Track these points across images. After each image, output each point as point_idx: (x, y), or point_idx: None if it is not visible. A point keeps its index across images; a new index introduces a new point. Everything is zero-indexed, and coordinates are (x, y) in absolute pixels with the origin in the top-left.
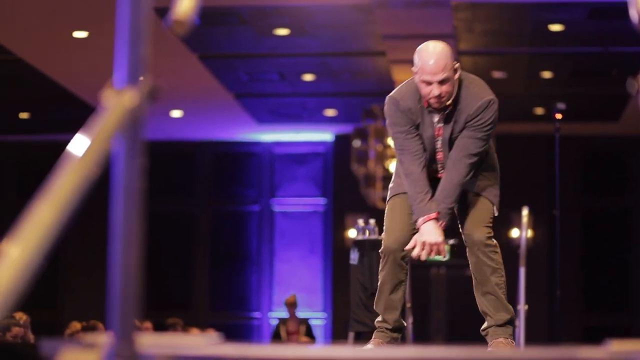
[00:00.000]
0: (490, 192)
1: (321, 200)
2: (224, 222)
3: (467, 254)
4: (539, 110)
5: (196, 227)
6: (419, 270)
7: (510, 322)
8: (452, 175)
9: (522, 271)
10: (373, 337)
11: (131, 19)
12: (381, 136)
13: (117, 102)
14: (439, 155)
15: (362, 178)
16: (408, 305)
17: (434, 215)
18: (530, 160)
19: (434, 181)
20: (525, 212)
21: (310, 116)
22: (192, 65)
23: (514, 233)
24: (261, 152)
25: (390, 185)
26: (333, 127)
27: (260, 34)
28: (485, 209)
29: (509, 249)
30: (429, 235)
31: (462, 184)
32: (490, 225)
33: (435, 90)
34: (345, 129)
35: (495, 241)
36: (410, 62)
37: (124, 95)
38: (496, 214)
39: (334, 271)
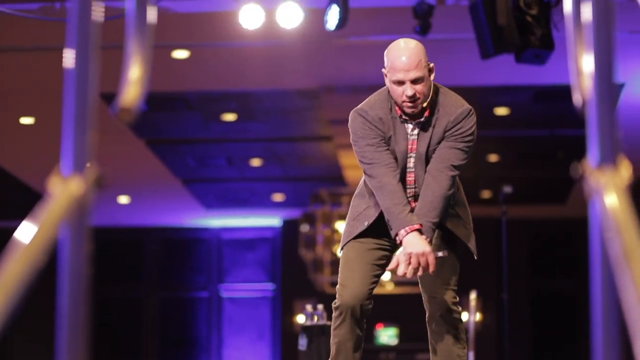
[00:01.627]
0: (466, 236)
1: (269, 286)
2: (172, 308)
3: (427, 319)
4: (486, 194)
5: (144, 313)
6: (367, 355)
7: None
8: (433, 187)
9: (471, 355)
10: None
11: (77, 106)
12: (329, 221)
13: (63, 189)
14: (410, 177)
15: (310, 263)
16: None
17: (417, 225)
18: (478, 244)
19: None
20: (473, 295)
21: (258, 201)
22: (139, 150)
23: (463, 317)
24: (209, 237)
25: (345, 229)
26: (281, 212)
27: (208, 119)
28: (453, 267)
29: None
30: (415, 246)
31: (446, 198)
32: (456, 288)
33: (408, 90)
34: (293, 213)
35: (460, 308)
36: None
37: (71, 182)
38: (475, 258)
39: (282, 357)
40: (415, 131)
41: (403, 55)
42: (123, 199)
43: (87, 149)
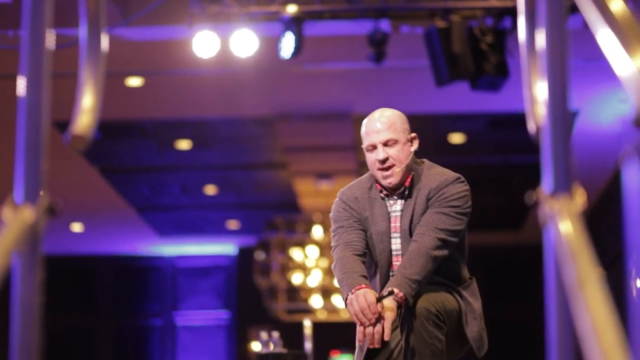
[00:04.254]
0: (470, 330)
1: (224, 314)
2: (127, 336)
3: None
4: None
5: (98, 343)
6: None
7: None
8: (413, 246)
9: None
10: None
11: (30, 134)
12: (284, 248)
13: (16, 218)
14: (397, 262)
15: (266, 290)
16: None
17: (363, 285)
18: None
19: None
20: None
21: (212, 229)
22: (93, 178)
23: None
24: (163, 265)
25: None
26: (236, 240)
27: (162, 147)
28: (444, 298)
29: None
30: (354, 301)
31: (429, 257)
32: (439, 312)
33: (380, 153)
34: (248, 241)
35: (444, 319)
36: (311, 174)
37: (23, 211)
38: (478, 355)
39: None
40: (398, 207)
41: (376, 121)
42: (76, 227)
43: (39, 177)
